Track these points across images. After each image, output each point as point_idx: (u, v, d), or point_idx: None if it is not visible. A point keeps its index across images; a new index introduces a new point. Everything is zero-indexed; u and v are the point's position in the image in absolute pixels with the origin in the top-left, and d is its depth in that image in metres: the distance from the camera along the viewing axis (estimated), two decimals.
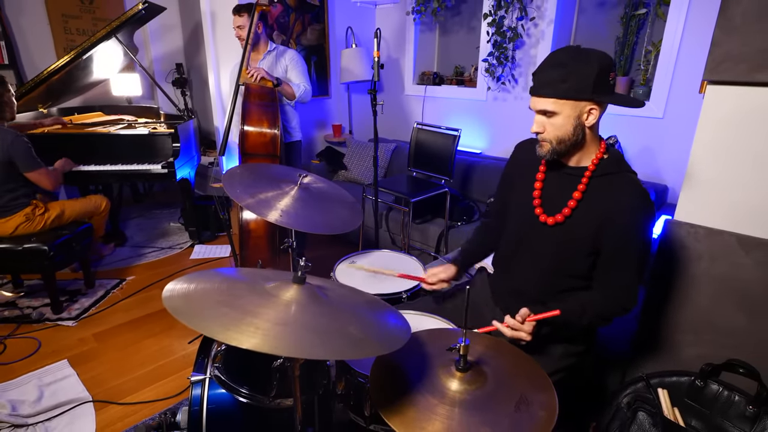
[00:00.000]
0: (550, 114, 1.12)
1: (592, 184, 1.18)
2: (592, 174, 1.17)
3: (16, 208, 2.42)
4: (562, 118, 1.11)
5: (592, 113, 1.11)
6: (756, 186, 1.20)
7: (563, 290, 1.27)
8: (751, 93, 1.16)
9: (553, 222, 1.22)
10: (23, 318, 2.50)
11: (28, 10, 3.65)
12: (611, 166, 1.18)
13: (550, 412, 0.87)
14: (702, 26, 2.34)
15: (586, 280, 1.25)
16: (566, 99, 1.09)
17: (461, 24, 3.64)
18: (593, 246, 1.18)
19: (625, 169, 1.18)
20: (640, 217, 1.14)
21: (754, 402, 1.18)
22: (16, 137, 2.34)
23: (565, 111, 1.10)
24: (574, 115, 1.11)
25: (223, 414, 1.27)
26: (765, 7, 1.09)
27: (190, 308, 0.85)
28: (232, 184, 1.40)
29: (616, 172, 1.17)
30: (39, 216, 2.49)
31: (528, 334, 1.14)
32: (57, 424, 1.80)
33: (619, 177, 1.17)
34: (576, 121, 1.11)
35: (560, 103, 1.10)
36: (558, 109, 1.10)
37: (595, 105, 1.10)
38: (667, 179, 2.61)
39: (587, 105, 1.10)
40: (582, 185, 1.18)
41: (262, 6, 2.46)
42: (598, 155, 1.17)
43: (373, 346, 0.88)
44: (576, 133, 1.13)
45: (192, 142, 3.41)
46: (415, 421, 0.83)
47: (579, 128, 1.12)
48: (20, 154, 2.35)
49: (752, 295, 1.23)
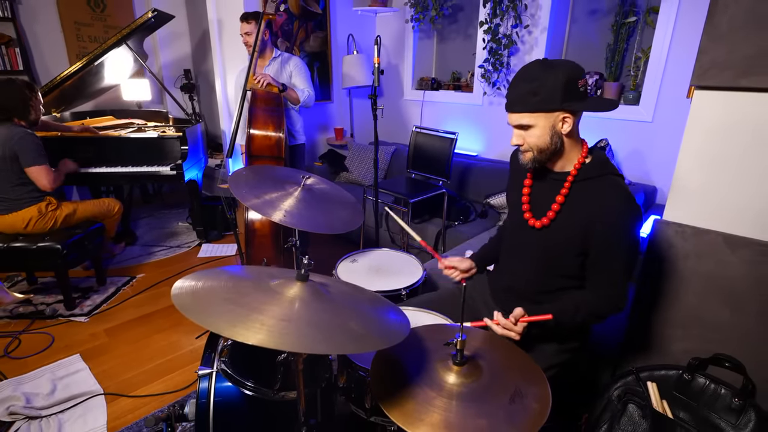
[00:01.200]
0: (526, 127, 1.14)
1: (574, 188, 1.18)
2: (574, 179, 1.18)
3: (30, 201, 2.42)
4: (538, 130, 1.13)
5: (566, 121, 1.12)
6: (741, 186, 1.20)
7: (556, 289, 1.27)
8: (736, 98, 1.16)
9: (540, 225, 1.23)
10: (37, 314, 2.50)
11: (42, 18, 3.65)
12: (594, 169, 1.18)
13: (543, 404, 0.87)
14: (689, 34, 2.34)
15: (579, 279, 1.25)
16: (539, 112, 1.11)
17: (458, 31, 3.64)
18: (581, 247, 1.18)
19: (609, 172, 1.18)
20: (624, 219, 1.13)
21: (740, 395, 1.18)
22: (26, 134, 2.34)
23: (540, 123, 1.12)
24: (548, 125, 1.12)
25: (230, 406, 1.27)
26: (750, 15, 1.09)
27: (198, 305, 0.85)
28: (239, 185, 1.41)
29: (600, 176, 1.17)
30: (51, 212, 2.48)
31: (518, 334, 1.15)
32: (69, 416, 1.80)
33: (602, 180, 1.17)
34: (552, 131, 1.13)
35: (534, 116, 1.11)
36: (533, 122, 1.12)
37: (567, 113, 1.11)
38: (656, 181, 2.61)
39: (560, 114, 1.11)
40: (565, 189, 1.19)
41: (268, 15, 2.46)
42: (580, 160, 1.18)
43: (373, 341, 0.89)
44: (554, 142, 1.14)
45: (199, 144, 3.41)
46: (414, 413, 0.83)
47: (556, 137, 1.14)
48: (25, 149, 2.33)
49: (738, 291, 1.23)
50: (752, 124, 1.15)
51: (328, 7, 3.80)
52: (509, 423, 0.82)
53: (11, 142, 2.30)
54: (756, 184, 1.17)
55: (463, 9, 3.52)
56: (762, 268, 1.18)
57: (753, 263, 1.19)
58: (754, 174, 1.17)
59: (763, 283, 1.18)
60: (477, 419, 0.82)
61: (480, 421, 0.81)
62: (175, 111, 3.81)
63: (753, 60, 1.10)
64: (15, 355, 2.17)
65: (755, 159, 1.16)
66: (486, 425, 0.80)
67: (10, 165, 2.33)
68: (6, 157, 2.31)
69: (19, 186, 2.39)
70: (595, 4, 2.81)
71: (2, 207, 2.38)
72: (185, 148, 3.07)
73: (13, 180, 2.37)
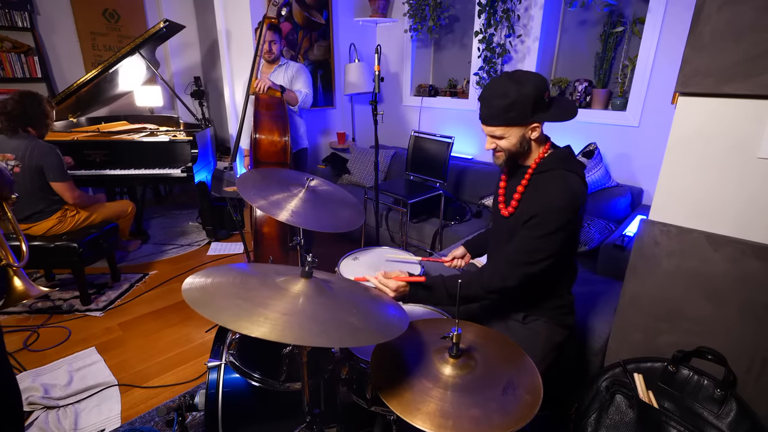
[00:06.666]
0: (499, 137, 1.20)
1: (533, 180, 1.23)
2: (533, 171, 1.23)
3: (51, 212, 2.43)
4: (512, 138, 1.20)
5: (536, 130, 1.19)
6: (723, 188, 1.20)
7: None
8: (718, 104, 1.16)
9: (507, 214, 1.28)
10: (55, 309, 2.50)
11: (60, 28, 3.65)
12: (551, 163, 1.22)
13: (534, 395, 0.87)
14: (674, 43, 2.34)
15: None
16: (512, 126, 1.17)
17: (454, 41, 3.64)
18: None
19: (564, 167, 1.20)
20: (546, 209, 1.14)
21: (722, 385, 1.18)
22: (50, 149, 2.33)
23: (513, 133, 1.19)
24: (520, 134, 1.19)
25: (238, 396, 1.27)
26: (732, 26, 1.09)
27: (207, 300, 0.86)
28: (246, 187, 1.41)
29: (553, 169, 1.20)
30: (70, 217, 2.49)
31: (392, 290, 1.20)
32: (86, 406, 1.80)
33: (552, 173, 1.20)
34: (522, 138, 1.20)
35: (508, 128, 1.18)
36: (506, 133, 1.19)
37: (536, 123, 1.17)
38: (642, 182, 2.61)
39: (530, 125, 1.18)
40: (525, 180, 1.24)
41: (270, 19, 2.45)
42: (540, 155, 1.23)
43: (372, 334, 0.89)
44: (523, 146, 1.21)
45: (209, 148, 3.41)
46: (412, 403, 0.83)
47: (525, 142, 1.21)
48: (52, 164, 2.32)
49: (720, 287, 1.23)
50: (733, 129, 1.15)
51: (331, 18, 3.80)
52: (502, 413, 0.82)
53: (35, 152, 2.28)
54: (737, 186, 1.17)
55: (459, 19, 3.52)
56: (743, 265, 1.18)
57: (734, 260, 1.19)
58: (735, 176, 1.17)
59: (744, 280, 1.18)
60: (471, 409, 0.82)
61: (474, 411, 0.81)
62: (185, 116, 3.80)
63: (734, 68, 1.10)
64: (34, 348, 2.17)
65: (736, 161, 1.16)
66: (479, 414, 0.80)
67: (36, 176, 2.31)
68: (31, 168, 2.29)
69: (46, 197, 2.38)
70: (584, 15, 2.80)
71: (35, 217, 2.38)
72: (195, 151, 3.07)
73: (38, 192, 2.35)
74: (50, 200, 2.41)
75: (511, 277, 1.19)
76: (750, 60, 1.08)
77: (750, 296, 1.18)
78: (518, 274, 1.19)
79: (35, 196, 2.35)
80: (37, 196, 2.36)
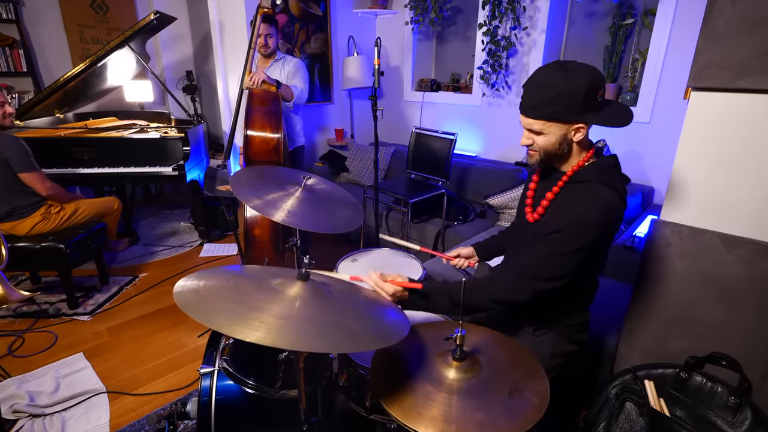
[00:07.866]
0: (537, 132, 1.11)
1: (566, 189, 1.15)
2: (568, 179, 1.15)
3: (33, 209, 2.42)
4: (550, 137, 1.10)
5: (580, 131, 1.10)
6: (737, 187, 1.20)
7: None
8: (732, 99, 1.17)
9: (533, 220, 1.22)
10: (41, 313, 2.50)
11: (46, 20, 3.66)
12: (589, 174, 1.13)
13: (541, 398, 0.87)
14: (686, 36, 2.34)
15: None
16: (553, 122, 1.08)
17: (457, 33, 3.64)
18: None
19: (602, 180, 1.11)
20: (570, 225, 1.07)
21: (736, 393, 1.18)
22: (13, 139, 2.33)
23: (552, 131, 1.09)
24: (561, 133, 1.10)
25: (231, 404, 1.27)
26: (746, 18, 1.10)
27: (200, 304, 0.85)
28: (241, 186, 1.40)
29: (590, 181, 1.12)
30: (54, 214, 2.49)
31: (388, 294, 1.14)
32: (73, 414, 1.80)
33: (588, 185, 1.11)
34: (563, 138, 1.11)
35: (547, 124, 1.09)
36: (545, 129, 1.09)
37: (582, 124, 1.08)
38: (654, 181, 2.61)
39: (574, 125, 1.09)
40: (556, 188, 1.17)
41: (264, 8, 2.44)
42: (580, 162, 1.15)
43: (372, 339, 0.89)
44: (562, 148, 1.12)
45: (201, 145, 3.41)
46: (414, 408, 0.83)
47: (566, 144, 1.12)
48: (15, 155, 2.31)
49: (734, 290, 1.23)
50: (748, 125, 1.16)
51: (329, 9, 3.80)
52: (508, 416, 0.82)
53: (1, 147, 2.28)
54: (752, 185, 1.18)
55: (462, 11, 3.52)
56: (757, 266, 1.18)
57: (749, 262, 1.19)
58: (750, 174, 1.17)
59: (759, 282, 1.19)
60: (476, 413, 0.82)
61: (479, 415, 0.81)
62: (177, 112, 3.81)
63: (749, 61, 1.10)
64: (19, 354, 2.17)
65: (751, 159, 1.16)
66: (484, 418, 0.81)
67: (2, 170, 2.31)
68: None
69: (19, 191, 2.38)
70: (592, 6, 2.81)
71: (16, 214, 2.38)
72: (187, 148, 3.07)
73: (9, 187, 2.35)
74: (25, 194, 2.40)
75: (522, 291, 1.13)
76: (765, 55, 1.08)
77: (765, 299, 1.18)
78: (529, 289, 1.12)
79: (8, 192, 2.35)
80: (9, 191, 2.36)
